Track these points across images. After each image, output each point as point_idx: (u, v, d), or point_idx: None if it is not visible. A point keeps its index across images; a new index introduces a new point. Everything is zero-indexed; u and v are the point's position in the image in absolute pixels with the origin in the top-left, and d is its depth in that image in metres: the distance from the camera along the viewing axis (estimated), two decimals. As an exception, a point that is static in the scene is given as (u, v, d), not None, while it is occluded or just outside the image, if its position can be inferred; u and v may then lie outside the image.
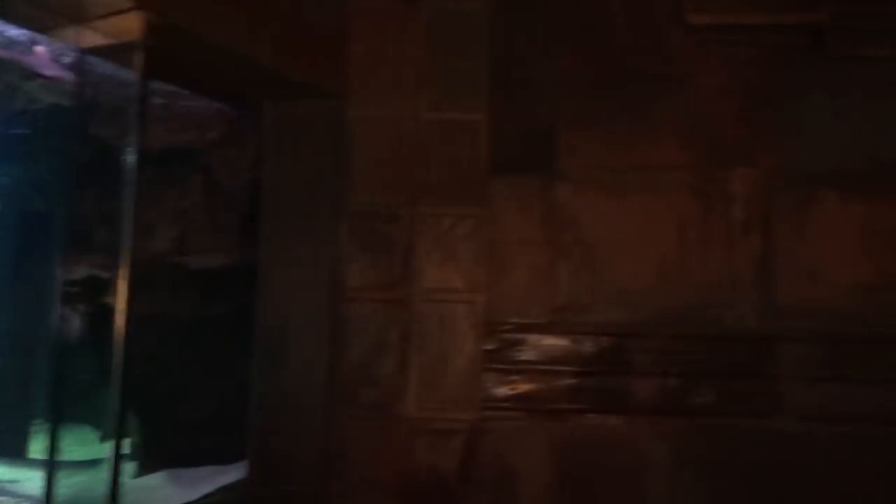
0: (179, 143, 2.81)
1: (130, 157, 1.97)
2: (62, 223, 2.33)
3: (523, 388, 2.78)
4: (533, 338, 2.78)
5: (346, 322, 2.75)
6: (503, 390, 2.77)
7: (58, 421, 2.22)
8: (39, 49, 2.78)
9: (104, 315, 2.13)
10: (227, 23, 2.32)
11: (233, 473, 2.68)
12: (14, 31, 2.64)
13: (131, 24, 2.12)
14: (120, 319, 1.90)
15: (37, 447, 3.09)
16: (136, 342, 2.04)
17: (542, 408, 2.76)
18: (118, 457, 1.90)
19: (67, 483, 2.38)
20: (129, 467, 2.67)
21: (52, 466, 2.14)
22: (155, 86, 2.55)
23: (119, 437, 1.87)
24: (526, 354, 2.78)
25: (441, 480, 2.69)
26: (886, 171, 2.82)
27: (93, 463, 2.10)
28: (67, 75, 2.51)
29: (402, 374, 2.73)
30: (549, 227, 2.83)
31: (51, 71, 2.79)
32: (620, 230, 2.83)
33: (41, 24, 2.21)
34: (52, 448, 2.14)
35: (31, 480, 2.57)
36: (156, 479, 2.68)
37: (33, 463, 2.90)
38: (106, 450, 2.02)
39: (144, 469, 2.73)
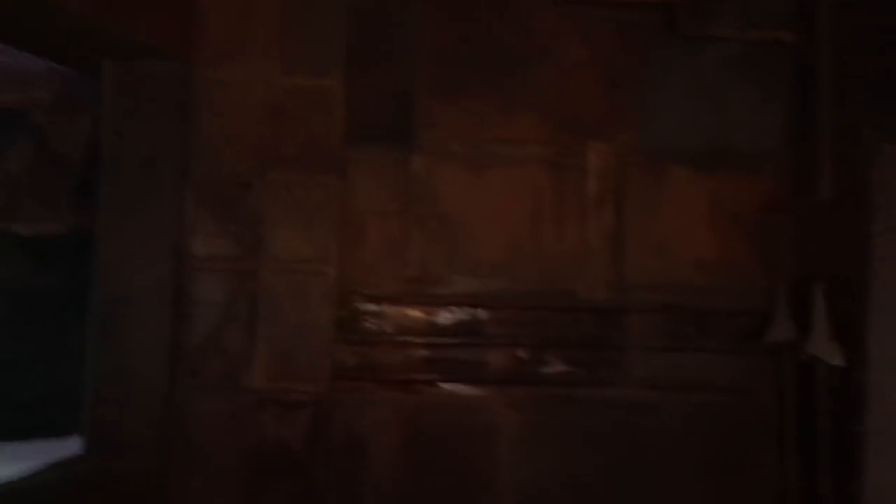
0: (6, 104, 2.67)
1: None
2: None
3: (375, 359, 2.81)
4: (385, 309, 2.82)
5: (191, 293, 2.72)
6: (354, 361, 2.79)
7: None
8: None
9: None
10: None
11: (66, 448, 2.61)
12: None
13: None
14: None
15: None
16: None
17: (394, 379, 2.81)
18: None
19: None
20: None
21: None
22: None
23: None
24: (378, 325, 2.82)
25: (288, 453, 2.70)
26: (734, 150, 2.98)
27: None
28: None
29: (250, 345, 2.71)
30: (405, 198, 2.86)
31: None
32: (476, 203, 2.89)
33: None
34: None
35: None
36: (-20, 456, 2.60)
37: None
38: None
39: (-31, 446, 2.64)
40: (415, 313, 2.83)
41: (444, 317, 2.84)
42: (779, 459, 2.89)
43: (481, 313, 2.85)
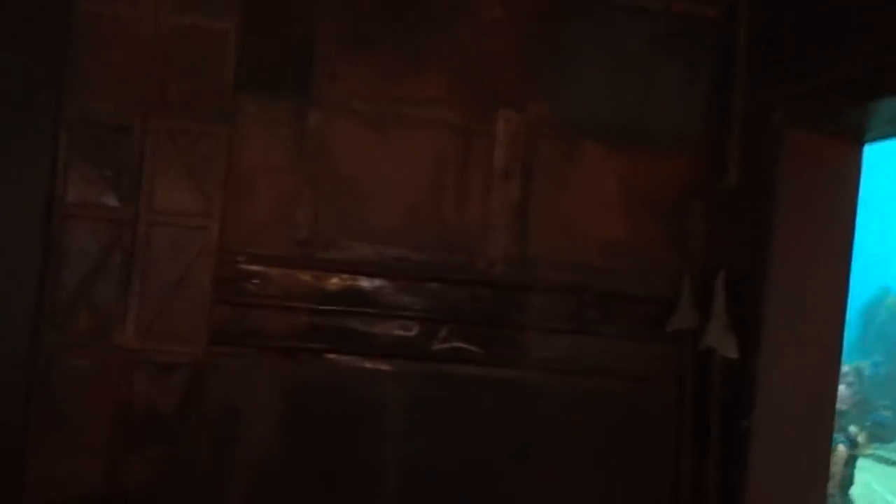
0: None
1: None
2: None
3: (257, 323, 2.72)
4: (271, 271, 2.72)
5: (61, 241, 2.59)
6: (235, 325, 2.70)
7: None
8: None
9: None
10: None
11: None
12: None
13: None
14: None
15: None
16: None
17: (277, 346, 2.73)
18: None
19: None
20: None
21: None
22: None
23: None
24: (262, 288, 2.71)
25: (159, 417, 2.61)
26: (652, 128, 2.92)
27: None
28: None
29: (123, 301, 2.59)
30: (299, 154, 2.75)
31: None
32: (376, 165, 2.79)
33: None
34: None
35: None
36: None
37: None
38: None
39: None
40: (303, 278, 2.73)
41: (335, 283, 2.75)
42: (674, 449, 2.89)
43: (374, 282, 2.77)
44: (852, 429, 4.93)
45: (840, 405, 5.27)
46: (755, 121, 2.50)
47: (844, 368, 5.34)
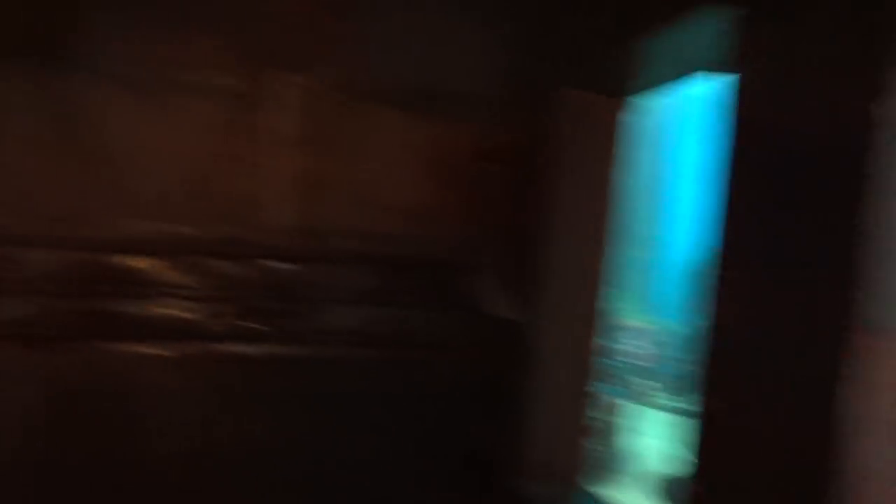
0: None
1: None
2: None
3: (9, 313, 2.50)
4: (25, 253, 2.50)
5: None
6: (-17, 315, 2.48)
7: None
8: None
9: None
10: None
11: None
12: None
13: None
14: None
15: None
16: None
17: (33, 335, 2.52)
18: None
19: None
20: None
21: None
22: None
23: None
24: (14, 272, 2.49)
25: None
26: (450, 91, 2.87)
27: None
28: None
29: None
30: (57, 124, 2.53)
31: None
32: (146, 135, 2.61)
33: None
34: None
35: None
36: None
37: None
38: None
39: None
40: (62, 259, 2.53)
41: (100, 264, 2.56)
42: (473, 417, 2.90)
43: (145, 260, 2.60)
44: (637, 381, 5.26)
45: (642, 362, 5.63)
46: (534, 81, 2.54)
47: (653, 328, 5.62)
